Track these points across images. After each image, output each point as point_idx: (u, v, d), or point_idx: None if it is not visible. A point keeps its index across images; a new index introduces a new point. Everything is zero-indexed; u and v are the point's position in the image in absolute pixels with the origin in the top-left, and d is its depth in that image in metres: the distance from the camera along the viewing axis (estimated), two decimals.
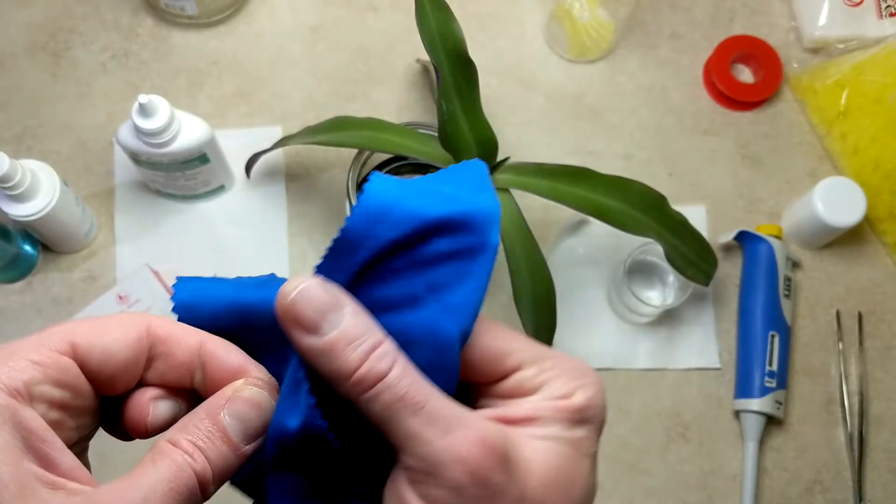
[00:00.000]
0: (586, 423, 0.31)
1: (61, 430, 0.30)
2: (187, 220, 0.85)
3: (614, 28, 0.89)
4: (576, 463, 0.31)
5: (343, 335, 0.29)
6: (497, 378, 0.32)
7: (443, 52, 0.66)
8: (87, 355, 0.31)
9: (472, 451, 0.28)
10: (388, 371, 0.28)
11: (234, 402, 0.31)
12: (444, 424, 0.28)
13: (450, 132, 0.66)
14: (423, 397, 0.28)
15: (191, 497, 0.29)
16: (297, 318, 0.29)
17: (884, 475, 0.82)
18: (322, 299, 0.29)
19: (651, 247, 0.80)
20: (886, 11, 0.92)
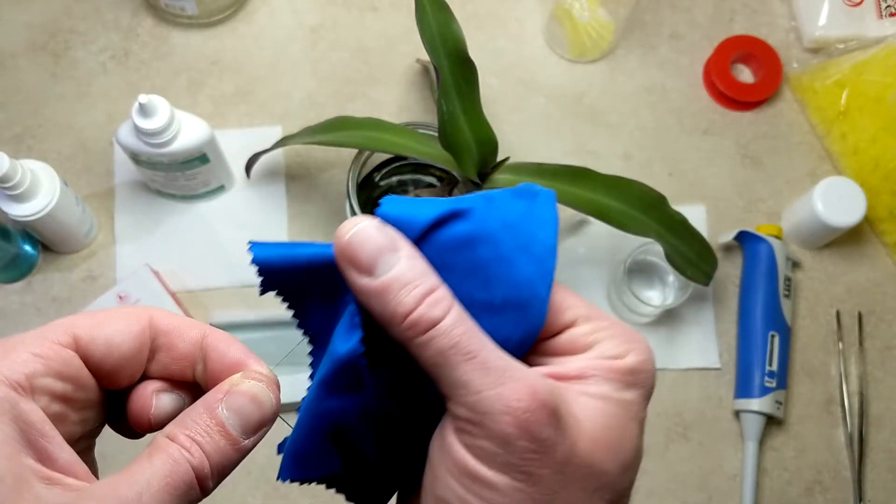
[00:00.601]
0: (636, 387, 0.31)
1: (64, 424, 0.30)
2: (187, 220, 0.85)
3: (614, 28, 0.89)
4: (625, 424, 0.30)
5: (397, 277, 0.28)
6: (551, 333, 0.32)
7: (443, 52, 0.66)
8: (89, 347, 0.30)
9: (522, 403, 0.27)
10: (443, 317, 0.28)
11: (232, 396, 0.30)
12: (496, 375, 0.28)
13: (450, 132, 0.66)
14: (476, 346, 0.28)
15: (188, 492, 0.28)
16: (353, 258, 0.28)
17: (884, 475, 0.82)
18: (378, 240, 0.28)
19: (651, 247, 0.80)
20: (886, 11, 0.92)
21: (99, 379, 0.31)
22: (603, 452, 0.29)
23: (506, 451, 0.28)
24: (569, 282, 0.84)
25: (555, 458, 0.28)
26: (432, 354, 0.28)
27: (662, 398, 0.82)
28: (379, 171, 0.80)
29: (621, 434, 0.30)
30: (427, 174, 0.81)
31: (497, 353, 0.29)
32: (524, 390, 0.28)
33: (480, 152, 0.68)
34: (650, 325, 0.83)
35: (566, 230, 0.86)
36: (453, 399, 0.28)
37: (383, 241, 0.28)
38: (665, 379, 0.83)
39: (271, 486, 0.78)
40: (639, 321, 0.83)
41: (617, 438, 0.30)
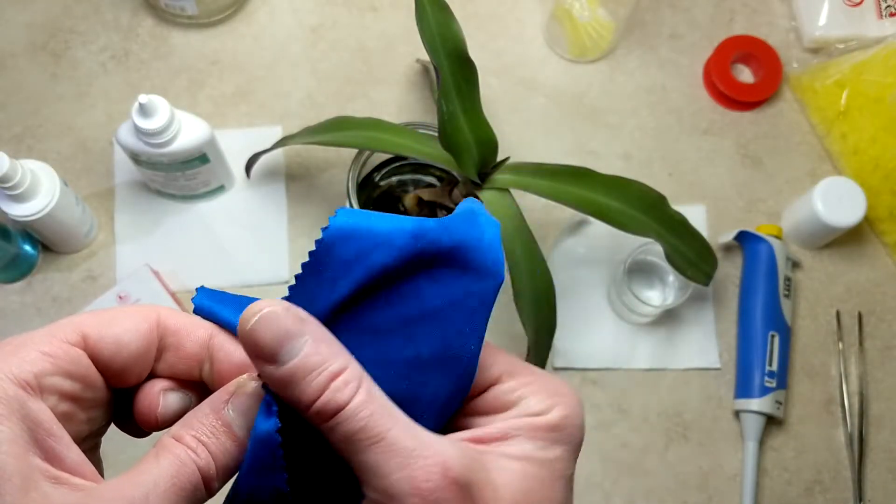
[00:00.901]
0: (561, 443, 0.30)
1: (72, 423, 0.30)
2: (187, 220, 0.85)
3: (614, 28, 0.89)
4: (548, 486, 0.30)
5: (302, 365, 0.28)
6: (477, 392, 0.31)
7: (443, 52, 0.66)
8: (97, 346, 0.30)
9: (431, 484, 0.27)
10: (348, 401, 0.27)
11: (237, 397, 0.30)
12: (405, 455, 0.27)
13: (450, 132, 0.66)
14: (383, 427, 0.27)
15: (194, 492, 0.28)
16: (256, 348, 0.28)
17: (884, 475, 0.82)
18: (279, 327, 0.28)
19: (651, 247, 0.80)
20: (886, 11, 0.92)
21: (107, 378, 0.31)
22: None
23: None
24: (569, 282, 0.84)
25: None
26: (340, 439, 0.28)
27: (662, 398, 0.82)
28: (379, 171, 0.80)
29: (544, 497, 0.29)
30: (427, 174, 0.81)
31: (408, 430, 0.28)
32: (433, 469, 0.27)
33: (480, 152, 0.68)
34: (650, 325, 0.83)
35: (566, 230, 0.86)
36: (364, 483, 0.28)
37: (284, 327, 0.28)
38: (665, 379, 0.83)
39: None
40: (639, 321, 0.83)
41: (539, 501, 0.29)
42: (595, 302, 0.84)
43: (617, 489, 0.80)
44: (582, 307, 0.84)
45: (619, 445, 0.81)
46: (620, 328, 0.84)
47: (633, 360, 0.83)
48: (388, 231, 0.29)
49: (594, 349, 0.83)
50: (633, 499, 0.80)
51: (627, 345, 0.83)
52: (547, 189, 0.68)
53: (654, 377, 0.83)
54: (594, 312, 0.84)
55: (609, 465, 0.80)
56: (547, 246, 0.85)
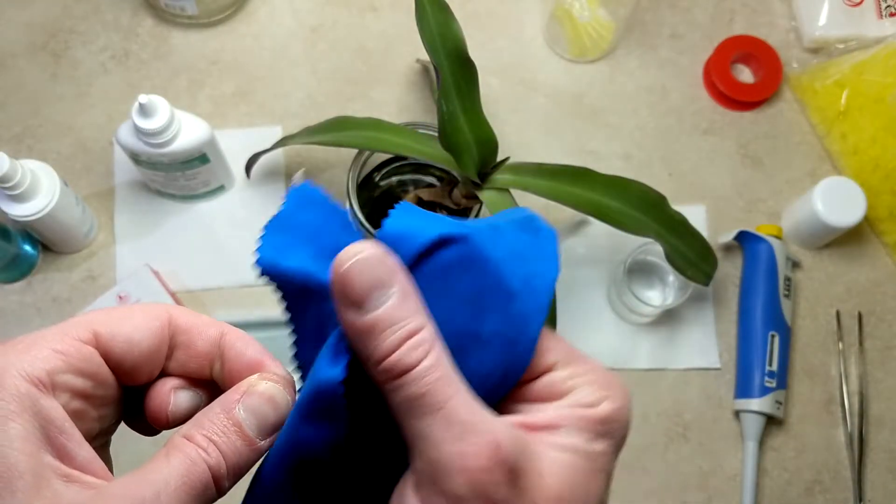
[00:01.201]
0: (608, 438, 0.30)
1: (83, 421, 0.30)
2: (187, 220, 0.85)
3: (614, 28, 0.89)
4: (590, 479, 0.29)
5: (383, 317, 0.27)
6: (530, 377, 0.31)
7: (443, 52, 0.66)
8: (109, 344, 0.30)
9: (480, 462, 0.26)
10: (418, 362, 0.27)
11: (249, 397, 0.30)
12: (459, 429, 0.27)
13: (450, 132, 0.66)
14: (445, 396, 0.27)
15: (205, 491, 0.28)
16: (344, 290, 0.27)
17: (884, 475, 0.82)
18: (373, 273, 0.27)
19: (651, 247, 0.80)
20: (886, 11, 0.92)
21: (118, 376, 0.31)
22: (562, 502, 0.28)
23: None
24: (569, 282, 0.84)
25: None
26: (401, 401, 0.27)
27: (662, 398, 0.82)
28: (379, 171, 0.80)
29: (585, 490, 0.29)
30: (427, 174, 0.81)
31: (468, 403, 0.27)
32: (485, 447, 0.27)
33: (480, 152, 0.68)
34: (650, 325, 0.83)
35: (566, 230, 0.86)
36: (414, 450, 0.28)
37: (378, 275, 0.27)
38: (665, 379, 0.83)
39: None
40: (639, 321, 0.83)
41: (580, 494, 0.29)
42: (595, 302, 0.84)
43: (617, 489, 0.80)
44: (582, 307, 0.84)
45: None
46: (620, 328, 0.84)
47: (633, 360, 0.83)
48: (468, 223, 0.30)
49: (594, 349, 0.83)
50: (633, 499, 0.80)
51: (627, 345, 0.83)
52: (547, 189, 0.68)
53: (655, 377, 0.83)
54: (594, 312, 0.84)
55: None
56: None
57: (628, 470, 0.81)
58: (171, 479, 0.28)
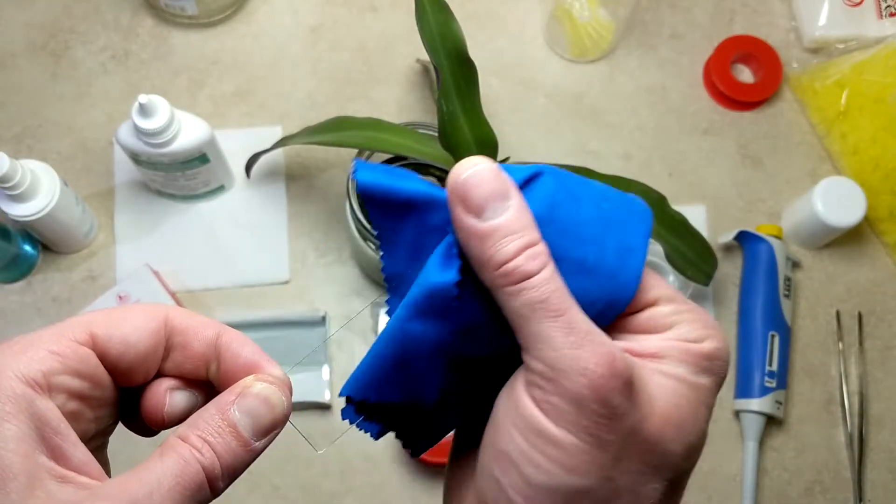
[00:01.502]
0: (710, 373, 0.31)
1: (79, 422, 0.30)
2: (187, 220, 0.85)
3: (614, 28, 0.89)
4: (695, 407, 0.30)
5: (503, 225, 0.28)
6: (633, 310, 0.32)
7: (443, 52, 0.66)
8: (106, 345, 0.31)
9: (600, 369, 0.27)
10: (538, 272, 0.28)
11: (244, 398, 0.30)
12: (579, 336, 0.28)
13: (450, 132, 0.66)
14: (564, 306, 0.28)
15: (198, 492, 0.28)
16: (465, 197, 0.29)
17: (884, 475, 0.82)
18: (492, 185, 0.29)
19: (651, 247, 0.80)
20: (886, 11, 0.92)
21: (114, 376, 0.31)
22: (671, 432, 0.29)
23: (577, 411, 0.28)
24: None
25: (623, 426, 0.28)
26: (520, 305, 0.28)
27: None
28: None
29: (691, 416, 0.30)
30: (427, 174, 0.81)
31: (582, 316, 0.29)
32: (603, 357, 0.28)
33: (480, 152, 0.68)
34: None
35: None
36: (531, 352, 0.28)
37: (497, 187, 0.29)
38: None
39: (271, 486, 0.78)
40: None
41: (686, 420, 0.30)
42: None
43: None
44: None
45: None
46: None
47: None
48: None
49: None
50: None
51: None
52: None
53: None
54: None
55: None
56: None
57: None
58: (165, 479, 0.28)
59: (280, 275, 0.83)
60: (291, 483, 0.78)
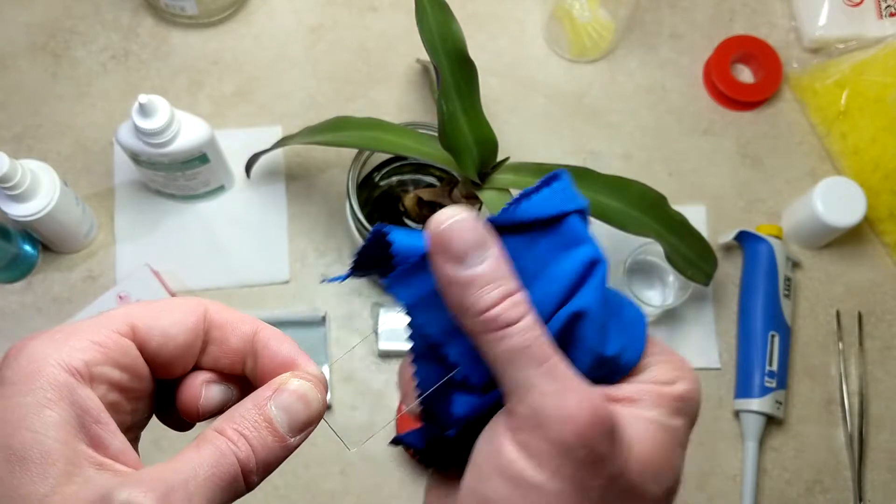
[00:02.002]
0: (683, 415, 0.32)
1: (117, 413, 0.30)
2: (187, 220, 0.85)
3: (614, 28, 0.89)
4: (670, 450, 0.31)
5: (483, 274, 0.29)
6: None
7: (443, 52, 0.66)
8: (146, 337, 0.31)
9: (584, 416, 0.28)
10: (520, 319, 0.29)
11: (281, 394, 0.31)
12: (563, 383, 0.28)
13: (450, 132, 0.66)
14: (548, 352, 0.29)
15: (233, 483, 0.29)
16: (445, 246, 0.29)
17: (884, 475, 0.82)
18: (472, 234, 0.29)
19: (651, 247, 0.80)
20: (886, 11, 0.92)
21: (153, 368, 0.32)
22: (650, 475, 0.30)
23: (562, 456, 0.28)
24: None
25: (606, 472, 0.29)
26: (502, 351, 0.29)
27: None
28: (379, 171, 0.80)
29: (668, 459, 0.31)
30: (427, 174, 0.81)
31: (565, 363, 0.29)
32: (587, 403, 0.28)
33: (480, 152, 0.68)
34: (650, 325, 0.83)
35: None
36: (515, 397, 0.29)
37: (476, 237, 0.29)
38: None
39: (271, 485, 0.78)
40: None
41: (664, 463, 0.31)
42: None
43: None
44: None
45: None
46: None
47: None
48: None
49: None
50: None
51: None
52: None
53: None
54: None
55: None
56: None
57: None
58: (201, 469, 0.28)
59: (280, 275, 0.83)
60: (291, 483, 0.78)
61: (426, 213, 0.77)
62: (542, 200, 0.31)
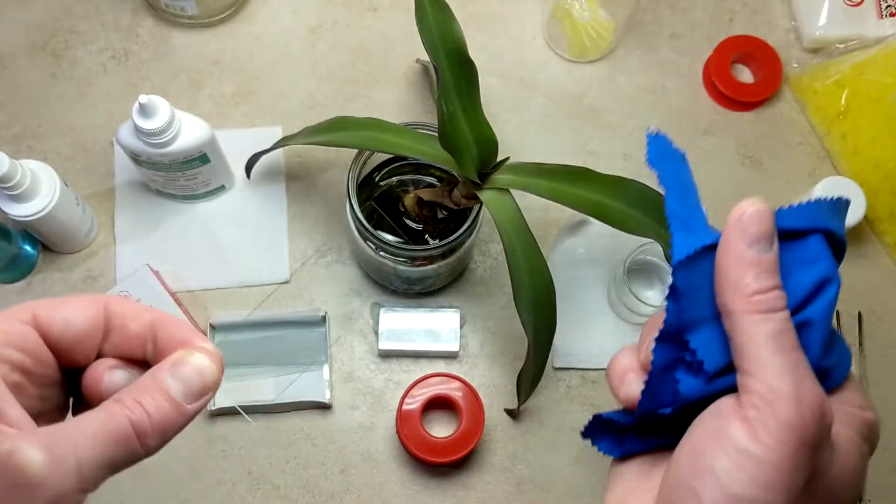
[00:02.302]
0: (869, 442, 0.35)
1: (23, 396, 0.33)
2: (187, 220, 0.85)
3: (614, 28, 0.89)
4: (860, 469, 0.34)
5: (769, 260, 0.32)
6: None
7: (443, 52, 0.66)
8: (47, 324, 0.34)
9: (815, 403, 0.31)
10: (783, 309, 0.32)
11: (176, 366, 0.33)
12: (802, 372, 0.31)
13: (450, 132, 0.66)
14: (795, 345, 0.32)
15: (124, 442, 0.31)
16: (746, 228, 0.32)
17: (884, 475, 0.82)
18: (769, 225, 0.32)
19: (651, 247, 0.80)
20: (886, 11, 0.92)
21: (57, 355, 0.34)
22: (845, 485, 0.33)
23: (787, 434, 0.30)
24: (569, 282, 0.84)
25: (818, 462, 0.31)
26: (761, 332, 0.31)
27: None
28: (379, 171, 0.80)
29: (859, 476, 0.34)
30: (427, 174, 0.81)
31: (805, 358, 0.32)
32: (818, 395, 0.31)
33: (480, 152, 0.68)
34: None
35: (566, 230, 0.86)
36: (756, 375, 0.31)
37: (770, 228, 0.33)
38: None
39: (271, 485, 0.78)
40: (639, 321, 0.83)
41: (857, 478, 0.34)
42: (595, 302, 0.84)
43: None
44: (582, 307, 0.84)
45: None
46: (621, 328, 0.84)
47: None
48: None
49: (594, 349, 0.83)
50: None
51: None
52: (547, 189, 0.68)
53: None
54: (594, 312, 0.84)
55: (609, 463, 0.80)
56: (547, 246, 0.85)
57: None
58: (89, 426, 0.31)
59: (280, 275, 0.84)
60: (291, 483, 0.78)
61: (426, 213, 0.77)
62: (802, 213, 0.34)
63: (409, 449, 0.76)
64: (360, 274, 0.84)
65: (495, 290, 0.84)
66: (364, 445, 0.80)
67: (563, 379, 0.82)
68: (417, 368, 0.82)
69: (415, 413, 0.77)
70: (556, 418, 0.81)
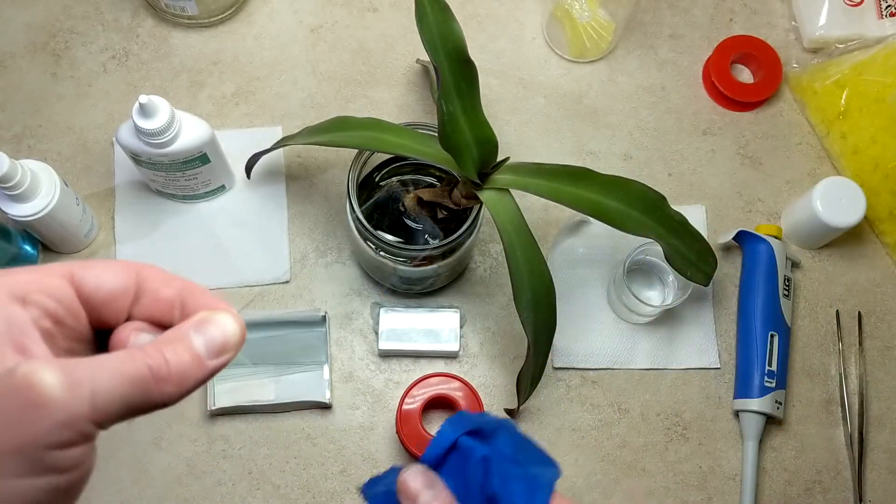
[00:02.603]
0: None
1: (52, 345, 0.33)
2: (187, 220, 0.85)
3: (614, 28, 0.89)
4: None
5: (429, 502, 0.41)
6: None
7: (443, 52, 0.66)
8: (82, 280, 0.35)
9: None
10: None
11: (200, 323, 0.34)
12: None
13: (450, 132, 0.66)
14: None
15: (142, 384, 0.31)
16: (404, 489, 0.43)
17: (884, 475, 0.82)
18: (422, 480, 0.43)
19: (651, 247, 0.80)
20: (886, 11, 0.92)
21: (88, 312, 0.35)
22: None
23: None
24: (569, 282, 0.84)
25: None
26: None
27: (662, 398, 0.82)
28: (379, 171, 0.80)
29: None
30: (427, 174, 0.81)
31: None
32: None
33: (480, 152, 0.68)
34: (650, 325, 0.83)
35: (566, 230, 0.86)
36: None
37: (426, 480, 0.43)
38: (665, 379, 0.83)
39: (271, 485, 0.78)
40: (638, 321, 0.83)
41: None
42: (595, 302, 0.84)
43: (617, 489, 0.80)
44: (582, 307, 0.84)
45: (619, 445, 0.81)
46: (620, 328, 0.84)
47: (632, 360, 0.83)
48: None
49: (594, 349, 0.83)
50: (633, 498, 0.80)
51: (627, 345, 0.83)
52: (547, 189, 0.68)
53: (654, 377, 0.83)
54: (594, 312, 0.84)
55: (609, 464, 0.80)
56: (547, 246, 0.85)
57: (628, 469, 0.81)
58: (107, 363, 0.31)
59: (280, 275, 0.84)
60: (291, 483, 0.79)
61: (426, 213, 0.77)
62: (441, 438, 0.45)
63: (409, 449, 0.76)
64: (360, 274, 0.84)
65: (495, 290, 0.84)
66: (364, 445, 0.80)
67: (562, 379, 0.82)
68: (417, 368, 0.82)
69: (415, 413, 0.77)
70: (555, 418, 0.81)
